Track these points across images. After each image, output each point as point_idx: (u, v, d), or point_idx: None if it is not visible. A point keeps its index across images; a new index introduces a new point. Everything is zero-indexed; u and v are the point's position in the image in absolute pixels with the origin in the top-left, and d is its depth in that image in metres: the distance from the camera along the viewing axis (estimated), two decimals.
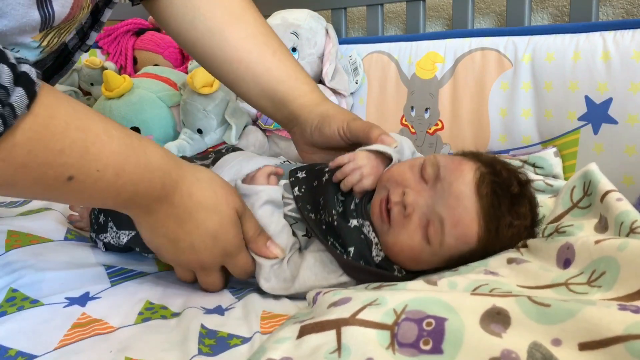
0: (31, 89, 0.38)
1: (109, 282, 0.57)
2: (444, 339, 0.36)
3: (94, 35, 0.62)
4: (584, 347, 0.32)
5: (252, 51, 0.68)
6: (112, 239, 0.60)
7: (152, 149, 0.48)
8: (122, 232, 0.59)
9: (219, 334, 0.48)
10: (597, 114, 0.76)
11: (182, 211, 0.50)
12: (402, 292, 0.41)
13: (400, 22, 1.23)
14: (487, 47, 0.89)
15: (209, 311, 0.52)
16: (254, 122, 1.12)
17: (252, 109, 1.10)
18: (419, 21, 1.05)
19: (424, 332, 0.37)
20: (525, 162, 0.80)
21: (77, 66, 1.39)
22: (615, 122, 0.75)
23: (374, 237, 0.54)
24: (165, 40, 1.38)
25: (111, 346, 0.46)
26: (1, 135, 0.37)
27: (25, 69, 0.38)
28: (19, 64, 0.38)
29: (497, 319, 0.36)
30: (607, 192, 0.53)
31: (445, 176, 0.52)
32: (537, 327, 0.35)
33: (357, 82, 1.09)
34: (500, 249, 0.53)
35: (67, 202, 0.49)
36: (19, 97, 0.37)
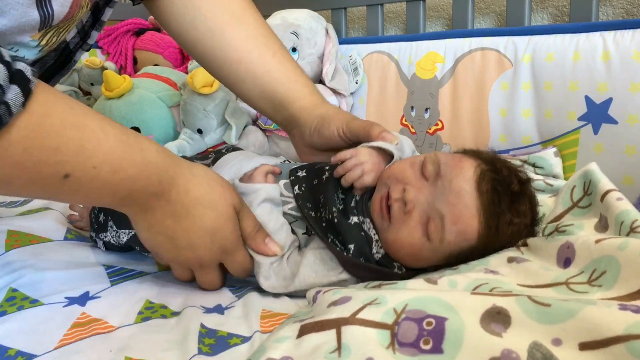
0: (26, 86, 0.38)
1: (109, 282, 0.57)
2: (444, 338, 0.36)
3: (95, 34, 0.62)
4: (585, 347, 0.32)
5: (252, 52, 0.68)
6: (112, 238, 0.60)
7: (148, 145, 0.48)
8: (122, 231, 0.59)
9: (219, 333, 0.48)
10: (597, 114, 0.76)
11: (179, 207, 0.50)
12: (402, 292, 0.41)
13: (400, 22, 1.23)
14: (487, 47, 0.89)
15: (209, 310, 0.52)
16: (254, 122, 1.12)
17: (252, 108, 1.10)
18: (419, 21, 1.05)
19: (424, 332, 0.37)
20: (525, 162, 0.80)
21: (77, 66, 1.39)
22: (615, 122, 0.75)
23: (374, 234, 0.54)
24: (165, 40, 1.38)
25: (111, 346, 0.46)
26: None
27: (20, 66, 0.38)
28: (14, 62, 0.38)
29: (497, 319, 0.36)
30: (608, 191, 0.53)
31: (445, 173, 0.52)
32: (538, 326, 0.35)
33: (357, 82, 1.09)
34: (500, 246, 0.53)
35: (64, 200, 0.49)
36: (14, 95, 0.37)
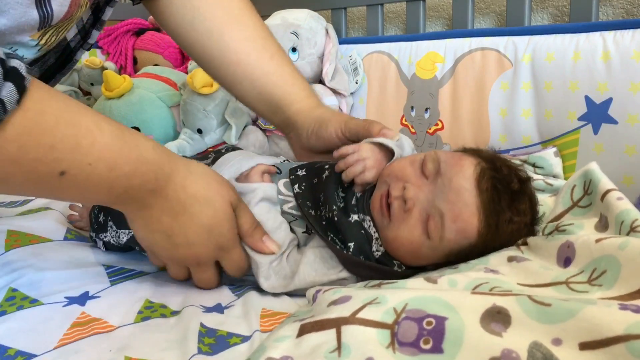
0: (21, 83, 0.38)
1: (109, 282, 0.57)
2: (444, 338, 0.36)
3: (96, 33, 0.62)
4: (585, 346, 0.32)
5: (250, 54, 0.68)
6: (112, 238, 0.60)
7: (144, 142, 0.48)
8: (122, 231, 0.59)
9: (219, 332, 0.48)
10: (597, 114, 0.76)
11: (175, 204, 0.50)
12: (402, 291, 0.41)
13: (400, 22, 1.23)
14: (487, 47, 0.89)
15: (209, 309, 0.52)
16: (254, 122, 1.12)
17: None
18: (419, 21, 1.05)
19: (424, 331, 0.37)
20: (525, 162, 0.80)
21: (77, 66, 1.39)
22: (615, 122, 0.75)
23: (374, 232, 0.54)
24: (165, 40, 1.38)
25: (111, 345, 0.46)
26: None
27: (14, 64, 0.38)
28: (8, 59, 0.38)
29: (497, 318, 0.36)
30: (608, 191, 0.53)
31: (445, 171, 0.52)
32: (538, 326, 0.34)
33: (357, 82, 1.09)
34: (500, 245, 0.53)
35: (60, 197, 0.49)
36: (8, 92, 0.37)
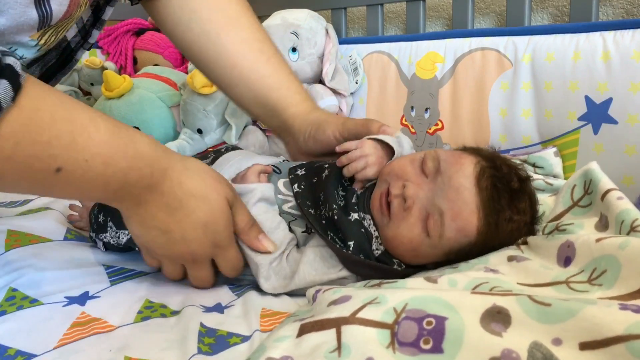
0: (16, 81, 0.38)
1: (109, 282, 0.57)
2: (444, 338, 0.36)
3: (96, 33, 0.62)
4: (585, 346, 0.32)
5: (246, 57, 0.68)
6: (112, 238, 0.60)
7: (140, 138, 0.48)
8: (121, 231, 0.59)
9: (219, 332, 0.48)
10: (597, 114, 0.76)
11: (172, 200, 0.50)
12: (402, 291, 0.41)
13: (400, 22, 1.23)
14: (487, 47, 0.89)
15: (209, 309, 0.52)
16: (254, 122, 1.12)
17: None
18: (419, 21, 1.05)
19: (424, 331, 0.37)
20: (525, 161, 0.80)
21: (77, 66, 1.39)
22: (615, 122, 0.75)
23: (374, 231, 0.54)
24: (165, 40, 1.38)
25: (111, 345, 0.46)
26: None
27: (9, 61, 0.38)
28: (3, 57, 0.38)
29: (497, 318, 0.36)
30: (608, 190, 0.53)
31: (445, 169, 0.52)
32: (538, 326, 0.34)
33: (357, 82, 1.09)
34: (499, 244, 0.53)
35: (57, 194, 0.49)
36: (4, 89, 0.37)
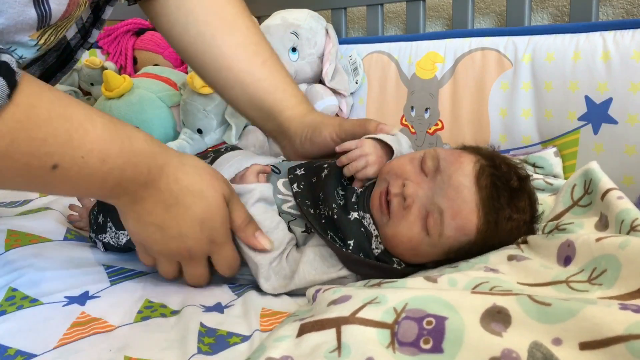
0: (12, 78, 0.38)
1: (109, 282, 0.57)
2: (445, 338, 0.36)
3: (96, 33, 0.62)
4: (585, 346, 0.32)
5: (241, 60, 0.68)
6: (112, 239, 0.60)
7: (136, 134, 0.48)
8: (121, 232, 0.59)
9: (219, 332, 0.47)
10: (597, 114, 0.76)
11: (168, 196, 0.50)
12: (402, 291, 0.41)
13: (400, 22, 1.23)
14: (487, 47, 0.89)
15: (209, 309, 0.52)
16: None
17: None
18: (419, 21, 1.05)
19: (424, 331, 0.37)
20: (525, 161, 0.80)
21: (77, 66, 1.39)
22: (615, 122, 0.75)
23: (373, 230, 0.54)
24: (165, 40, 1.38)
25: (110, 345, 0.46)
26: None
27: (5, 58, 0.38)
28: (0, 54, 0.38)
29: (497, 318, 0.36)
30: (608, 190, 0.53)
31: (445, 168, 0.53)
32: (538, 326, 0.34)
33: (357, 82, 1.09)
34: (499, 243, 0.53)
35: (53, 191, 0.49)
36: None
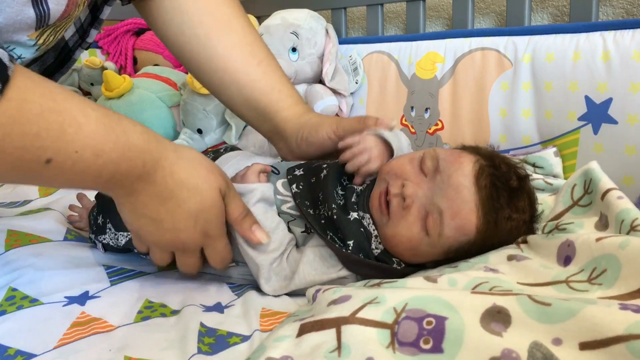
0: (4, 73, 0.38)
1: (109, 282, 0.57)
2: (445, 338, 0.36)
3: (94, 33, 0.62)
4: (585, 346, 0.32)
5: (237, 60, 0.68)
6: (111, 240, 0.60)
7: (132, 127, 0.48)
8: (120, 233, 0.59)
9: (219, 332, 0.47)
10: (597, 114, 0.76)
11: (163, 189, 0.50)
12: (402, 291, 0.41)
13: (400, 22, 1.23)
14: (487, 47, 0.89)
15: (209, 309, 0.52)
16: None
17: None
18: (419, 21, 1.05)
19: (424, 331, 0.37)
20: (524, 161, 0.80)
21: (77, 66, 1.39)
22: (615, 122, 0.75)
23: (373, 230, 0.54)
24: None
25: (110, 345, 0.46)
26: None
27: None
28: None
29: (497, 318, 0.36)
30: (608, 190, 0.53)
31: (444, 168, 0.53)
32: (538, 326, 0.34)
33: (357, 82, 1.09)
34: (499, 242, 0.53)
35: (48, 185, 0.49)
36: None
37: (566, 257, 0.46)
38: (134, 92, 1.12)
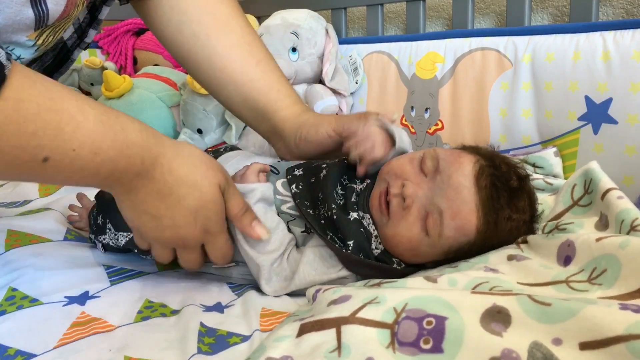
0: (0, 72, 0.38)
1: (109, 282, 0.57)
2: (445, 338, 0.36)
3: (93, 33, 0.62)
4: (585, 346, 0.32)
5: (235, 60, 0.68)
6: (111, 240, 0.60)
7: (130, 125, 0.47)
8: (120, 233, 0.59)
9: (219, 332, 0.47)
10: (597, 114, 0.76)
11: (162, 186, 0.50)
12: (402, 291, 0.41)
13: (400, 22, 1.23)
14: (487, 47, 0.89)
15: (209, 309, 0.52)
16: None
17: None
18: (419, 21, 1.05)
19: (424, 331, 0.37)
20: (525, 161, 0.80)
21: (77, 66, 1.39)
22: (615, 122, 0.75)
23: (373, 230, 0.54)
24: None
25: (110, 345, 0.46)
26: None
27: None
28: None
29: (497, 318, 0.36)
30: (608, 190, 0.53)
31: (444, 169, 0.53)
32: (538, 326, 0.34)
33: (357, 82, 1.09)
34: (499, 243, 0.53)
35: (46, 182, 0.49)
36: None
37: (566, 257, 0.46)
38: (134, 92, 1.12)
